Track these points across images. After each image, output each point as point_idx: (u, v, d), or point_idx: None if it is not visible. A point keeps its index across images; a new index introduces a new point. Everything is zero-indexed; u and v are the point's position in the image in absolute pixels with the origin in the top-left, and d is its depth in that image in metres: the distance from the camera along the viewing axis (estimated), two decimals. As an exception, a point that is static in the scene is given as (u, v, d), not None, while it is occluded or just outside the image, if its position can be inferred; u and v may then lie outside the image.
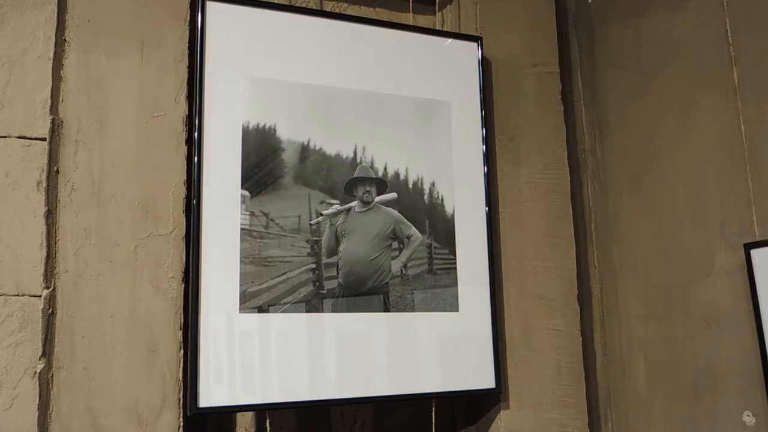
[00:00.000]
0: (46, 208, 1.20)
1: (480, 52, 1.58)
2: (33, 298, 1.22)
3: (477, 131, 1.54)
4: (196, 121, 1.30)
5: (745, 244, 1.31)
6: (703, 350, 1.42)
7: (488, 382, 1.43)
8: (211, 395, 1.23)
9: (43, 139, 1.23)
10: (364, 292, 1.36)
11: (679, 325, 1.48)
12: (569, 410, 1.53)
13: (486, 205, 1.51)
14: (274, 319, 1.29)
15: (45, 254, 1.19)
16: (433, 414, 1.43)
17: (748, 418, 1.33)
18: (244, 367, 1.26)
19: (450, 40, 1.57)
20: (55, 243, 1.22)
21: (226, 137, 1.32)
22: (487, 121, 1.56)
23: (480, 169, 1.53)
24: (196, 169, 1.28)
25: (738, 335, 1.35)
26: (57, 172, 1.23)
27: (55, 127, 1.24)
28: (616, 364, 1.66)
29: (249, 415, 1.46)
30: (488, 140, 1.55)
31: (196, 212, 1.27)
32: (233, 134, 1.32)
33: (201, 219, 1.27)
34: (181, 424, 1.23)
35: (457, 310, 1.44)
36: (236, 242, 1.29)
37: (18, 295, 1.21)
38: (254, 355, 1.27)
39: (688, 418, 1.45)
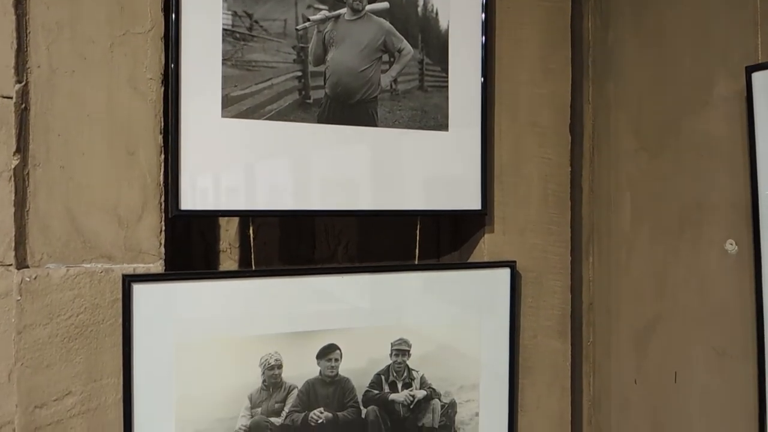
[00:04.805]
0: (15, -5, 1.13)
1: None
2: (5, 99, 1.16)
3: (477, -57, 1.44)
4: None
5: (747, 67, 1.26)
6: (692, 183, 1.41)
7: (474, 203, 1.42)
8: (193, 199, 1.20)
9: (10, -69, 1.14)
10: (351, 104, 1.31)
11: (670, 159, 1.46)
12: (553, 237, 1.54)
13: (482, 23, 1.43)
14: (258, 125, 1.25)
15: (16, 47, 1.13)
16: (418, 233, 1.43)
17: (731, 246, 1.33)
18: (226, 173, 1.23)
19: None
20: (26, 36, 1.15)
21: (207, -72, 1.22)
22: (488, -67, 1.45)
23: (477, -16, 1.44)
24: (174, -37, 1.20)
25: (730, 165, 1.33)
26: (25, -41, 1.14)
27: None
28: (602, 199, 1.65)
29: (233, 231, 1.45)
30: (488, -45, 1.46)
31: (174, 10, 1.19)
32: (214, -75, 1.22)
33: (180, 17, 1.19)
34: (163, 228, 1.22)
35: (447, 130, 1.40)
36: (218, 43, 1.22)
37: (-10, 96, 1.16)
38: (237, 161, 1.24)
39: (670, 250, 1.46)
